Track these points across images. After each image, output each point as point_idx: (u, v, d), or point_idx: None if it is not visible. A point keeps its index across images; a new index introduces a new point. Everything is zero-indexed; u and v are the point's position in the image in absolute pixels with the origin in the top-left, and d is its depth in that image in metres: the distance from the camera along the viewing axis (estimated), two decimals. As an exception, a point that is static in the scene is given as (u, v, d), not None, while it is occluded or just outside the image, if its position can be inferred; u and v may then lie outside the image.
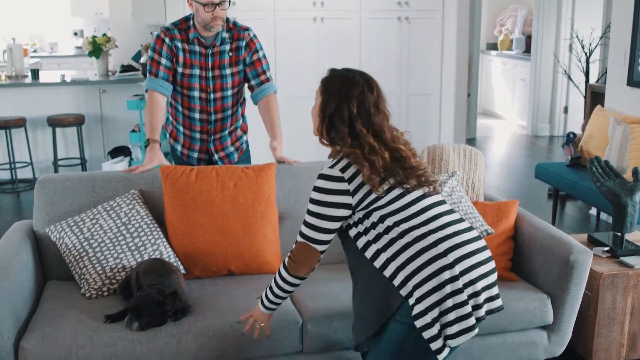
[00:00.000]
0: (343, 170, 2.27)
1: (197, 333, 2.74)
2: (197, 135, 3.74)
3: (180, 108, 3.70)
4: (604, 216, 5.80)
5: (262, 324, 2.59)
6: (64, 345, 2.64)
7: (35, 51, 10.34)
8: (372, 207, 2.25)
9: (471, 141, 8.93)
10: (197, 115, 3.68)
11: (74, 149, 7.35)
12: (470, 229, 2.32)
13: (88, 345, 2.65)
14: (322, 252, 2.37)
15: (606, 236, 3.60)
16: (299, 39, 6.53)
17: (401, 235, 2.22)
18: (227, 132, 3.78)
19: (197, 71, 3.59)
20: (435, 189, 2.34)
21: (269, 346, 2.79)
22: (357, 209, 2.27)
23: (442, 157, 3.62)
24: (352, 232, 2.33)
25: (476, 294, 2.20)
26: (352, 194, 2.26)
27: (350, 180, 2.26)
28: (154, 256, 3.12)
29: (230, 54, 3.61)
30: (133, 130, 6.92)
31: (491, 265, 2.29)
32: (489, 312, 2.28)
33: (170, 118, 3.79)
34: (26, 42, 9.89)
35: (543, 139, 9.48)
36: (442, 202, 2.36)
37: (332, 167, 2.29)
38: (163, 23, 6.84)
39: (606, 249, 3.48)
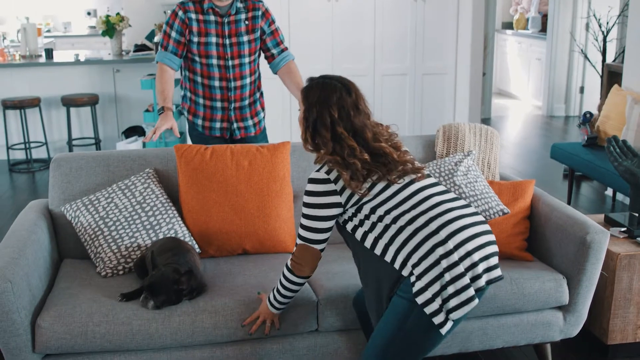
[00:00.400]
0: (328, 172, 2.39)
1: (213, 311, 2.75)
2: (218, 104, 3.79)
3: (199, 79, 3.76)
4: (619, 197, 5.76)
5: (272, 321, 2.71)
6: (80, 323, 2.65)
7: (48, 31, 10.34)
8: (361, 202, 2.36)
9: (486, 121, 8.87)
10: (216, 83, 3.74)
11: (88, 129, 7.38)
12: (465, 206, 2.39)
13: (104, 324, 2.66)
14: (321, 250, 2.48)
15: (623, 216, 3.57)
16: (314, 18, 6.49)
17: (394, 220, 2.31)
18: (247, 102, 3.84)
19: (213, 39, 3.67)
20: (423, 175, 2.43)
21: (284, 325, 2.80)
22: (347, 206, 2.38)
23: (457, 136, 3.58)
24: (349, 226, 2.42)
25: (474, 265, 2.24)
26: (340, 192, 2.37)
27: (336, 181, 2.37)
28: (168, 235, 3.12)
29: (247, 22, 3.71)
30: (147, 110, 6.92)
31: (488, 237, 2.34)
32: (489, 282, 2.32)
33: (189, 94, 3.84)
34: (40, 21, 9.88)
35: (558, 119, 9.41)
36: (433, 185, 2.43)
37: (318, 170, 2.42)
38: (176, 2, 6.82)
39: (623, 229, 3.45)
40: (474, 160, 3.49)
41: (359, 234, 2.39)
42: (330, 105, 2.38)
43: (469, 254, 2.24)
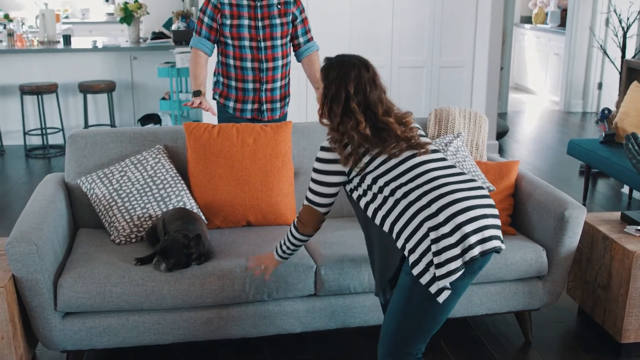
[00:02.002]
0: (332, 145, 2.51)
1: (220, 275, 2.97)
2: (250, 85, 3.89)
3: (232, 62, 3.86)
4: (636, 194, 5.72)
5: (263, 265, 2.85)
6: (98, 284, 2.88)
7: (67, 17, 10.37)
8: (364, 173, 2.47)
9: (502, 115, 8.82)
10: (249, 65, 3.84)
11: (104, 116, 7.41)
12: (467, 180, 2.44)
13: (120, 284, 2.89)
14: (324, 213, 2.64)
15: (639, 214, 3.54)
16: (332, 9, 6.46)
17: (391, 193, 2.40)
18: (278, 84, 3.95)
19: (245, 21, 3.78)
20: (427, 151, 2.49)
21: (285, 288, 3.04)
22: (352, 175, 2.51)
23: (448, 118, 3.85)
24: (355, 195, 2.55)
25: (465, 237, 2.29)
26: (342, 164, 2.50)
27: (339, 154, 2.50)
28: (178, 206, 3.32)
29: (279, 6, 3.84)
30: (163, 98, 6.95)
31: (484, 210, 2.36)
32: (483, 253, 2.33)
33: (221, 79, 3.95)
34: (58, 8, 9.92)
35: (576, 115, 9.35)
36: (437, 160, 2.49)
37: (327, 140, 2.54)
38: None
39: (639, 227, 3.42)
40: (463, 142, 3.74)
41: (362, 203, 2.51)
42: (348, 81, 2.48)
43: (459, 226, 2.29)
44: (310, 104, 6.40)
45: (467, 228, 2.30)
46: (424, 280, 2.32)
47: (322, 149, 2.55)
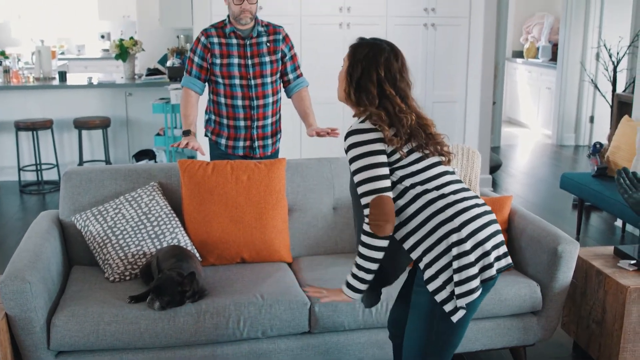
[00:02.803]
0: (374, 123, 2.33)
1: (214, 313, 2.97)
2: (242, 123, 3.92)
3: (222, 100, 3.89)
4: (629, 228, 5.73)
5: (326, 292, 2.53)
6: (91, 322, 2.87)
7: (62, 53, 10.45)
8: (395, 166, 2.33)
9: (495, 149, 8.87)
10: (240, 102, 3.87)
11: (99, 151, 7.42)
12: (475, 196, 2.42)
13: (114, 323, 2.88)
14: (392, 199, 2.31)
15: (633, 249, 3.56)
16: (325, 44, 6.53)
17: (415, 198, 2.31)
18: (269, 121, 3.97)
19: (235, 60, 3.82)
20: (449, 161, 2.43)
21: (279, 325, 3.03)
22: (389, 159, 2.33)
23: None
24: None
25: (486, 254, 2.27)
26: (387, 142, 2.31)
27: (383, 132, 2.32)
28: (172, 244, 3.33)
29: (268, 44, 3.87)
30: (158, 134, 6.97)
31: (497, 226, 2.38)
32: (499, 271, 2.34)
33: (213, 117, 3.98)
34: (54, 44, 9.99)
35: (568, 149, 9.40)
36: (453, 173, 2.45)
37: (362, 122, 2.36)
38: (190, 27, 6.89)
39: (633, 262, 3.43)
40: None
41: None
42: (378, 64, 2.36)
43: (480, 243, 2.27)
44: (303, 140, 6.43)
45: (487, 245, 2.28)
46: (439, 296, 2.27)
47: (358, 131, 2.32)
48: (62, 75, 7.37)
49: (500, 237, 2.36)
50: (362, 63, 2.37)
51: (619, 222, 5.92)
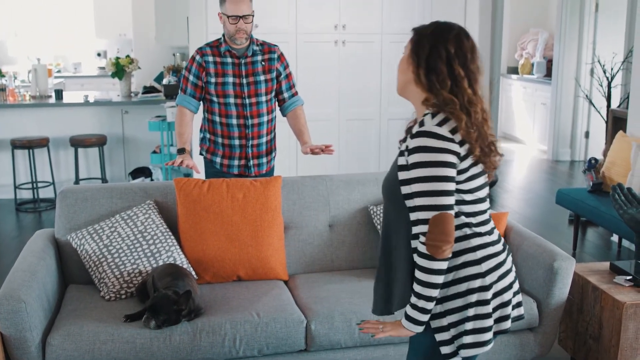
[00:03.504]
0: (452, 132, 2.04)
1: (210, 331, 2.97)
2: (236, 142, 3.92)
3: (217, 118, 3.89)
4: (625, 243, 5.74)
5: (382, 326, 2.22)
6: (87, 342, 2.87)
7: (59, 71, 10.47)
8: (460, 178, 2.07)
9: (491, 165, 8.87)
10: (234, 121, 3.87)
11: (95, 169, 7.42)
12: (498, 233, 2.23)
13: (109, 342, 2.88)
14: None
15: (629, 264, 3.56)
16: (321, 61, 6.57)
17: (460, 226, 2.09)
18: (264, 139, 3.98)
19: (230, 79, 3.82)
20: (490, 177, 2.18)
21: (275, 344, 3.03)
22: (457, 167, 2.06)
23: None
24: (409, 203, 2.10)
25: (504, 305, 2.13)
26: (462, 159, 2.04)
27: (461, 144, 2.04)
28: (168, 262, 3.32)
29: (263, 63, 3.87)
30: (154, 152, 6.98)
31: (515, 273, 2.23)
32: (513, 320, 2.22)
33: (208, 135, 3.98)
34: (50, 61, 10.01)
35: (564, 164, 9.42)
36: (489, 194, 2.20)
37: (439, 125, 2.05)
38: (186, 45, 6.92)
39: (629, 277, 3.43)
40: None
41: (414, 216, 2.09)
42: (447, 40, 2.06)
43: (500, 292, 2.12)
44: (299, 158, 6.44)
45: (506, 296, 2.13)
46: (440, 336, 2.11)
47: (433, 135, 2.01)
48: (59, 93, 7.38)
49: (517, 284, 2.22)
50: (430, 40, 2.07)
51: (615, 238, 5.92)
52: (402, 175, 2.08)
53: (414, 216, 2.07)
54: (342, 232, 3.68)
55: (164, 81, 7.59)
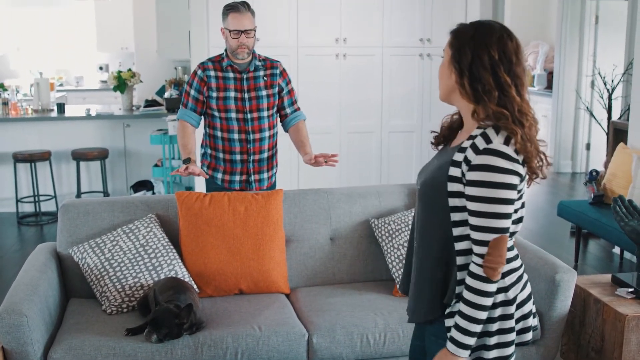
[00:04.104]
0: (517, 152, 1.96)
1: (212, 345, 2.97)
2: (238, 157, 3.91)
3: (219, 133, 3.89)
4: (627, 255, 5.73)
5: None
6: (89, 356, 2.88)
7: (61, 85, 10.50)
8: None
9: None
10: (236, 136, 3.86)
11: (97, 183, 7.43)
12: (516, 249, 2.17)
13: (111, 356, 2.89)
14: None
15: (631, 277, 3.55)
16: (322, 75, 6.59)
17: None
18: (265, 155, 3.96)
19: (232, 94, 3.82)
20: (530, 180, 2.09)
21: (277, 357, 3.03)
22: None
23: None
24: (456, 217, 2.02)
25: (525, 317, 2.10)
26: (522, 179, 1.98)
27: (523, 164, 1.98)
28: (170, 275, 3.32)
29: (265, 78, 3.87)
30: (156, 165, 6.99)
31: (530, 285, 2.20)
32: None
33: (209, 150, 3.97)
34: (52, 75, 10.05)
35: (565, 176, 9.43)
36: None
37: (505, 143, 1.95)
38: (187, 59, 6.95)
39: (631, 290, 3.43)
40: None
41: (457, 232, 2.02)
42: (489, 45, 1.94)
43: (520, 305, 2.09)
44: (300, 171, 6.46)
45: (526, 308, 2.10)
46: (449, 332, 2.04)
47: (500, 154, 1.92)
48: (61, 107, 7.40)
49: (532, 296, 2.18)
50: (470, 45, 1.95)
51: (617, 250, 5.92)
52: (454, 187, 2.00)
53: (458, 231, 2.01)
54: (344, 245, 3.69)
55: (166, 95, 7.62)
